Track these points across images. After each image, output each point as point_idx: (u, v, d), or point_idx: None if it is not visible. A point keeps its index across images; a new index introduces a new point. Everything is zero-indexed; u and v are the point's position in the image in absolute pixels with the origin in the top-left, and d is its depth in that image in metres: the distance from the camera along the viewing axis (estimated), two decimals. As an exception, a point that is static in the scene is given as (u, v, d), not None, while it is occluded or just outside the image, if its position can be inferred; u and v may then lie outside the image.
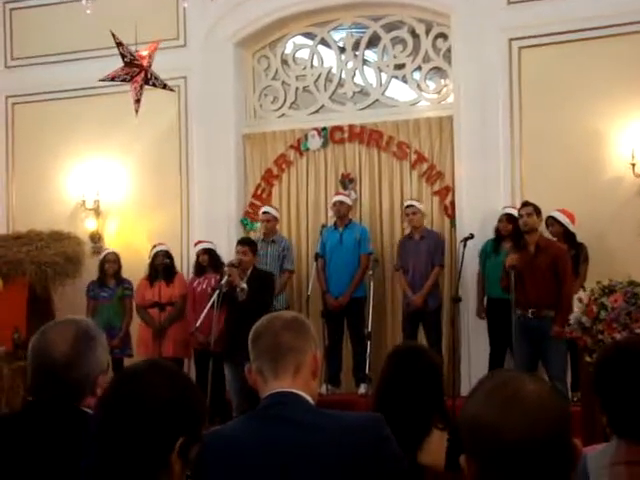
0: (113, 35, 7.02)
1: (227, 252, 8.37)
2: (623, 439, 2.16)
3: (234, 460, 2.27)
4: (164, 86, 7.34)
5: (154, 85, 7.25)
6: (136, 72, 7.16)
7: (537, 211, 7.16)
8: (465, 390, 7.77)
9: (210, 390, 7.37)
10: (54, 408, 2.21)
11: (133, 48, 7.28)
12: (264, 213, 8.66)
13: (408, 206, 8.24)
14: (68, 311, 8.42)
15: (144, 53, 7.19)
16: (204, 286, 8.22)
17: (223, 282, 7.40)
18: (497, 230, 7.93)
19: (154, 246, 8.63)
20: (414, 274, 8.14)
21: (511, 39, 8.27)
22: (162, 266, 8.35)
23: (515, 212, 7.72)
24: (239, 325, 6.00)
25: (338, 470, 2.18)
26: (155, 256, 8.48)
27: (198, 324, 7.44)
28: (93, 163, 9.61)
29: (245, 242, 7.81)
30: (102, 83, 8.75)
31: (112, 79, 7.15)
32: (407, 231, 8.40)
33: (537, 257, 6.92)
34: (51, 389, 2.25)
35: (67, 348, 2.27)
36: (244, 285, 7.30)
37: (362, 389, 7.98)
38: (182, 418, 1.71)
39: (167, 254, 8.52)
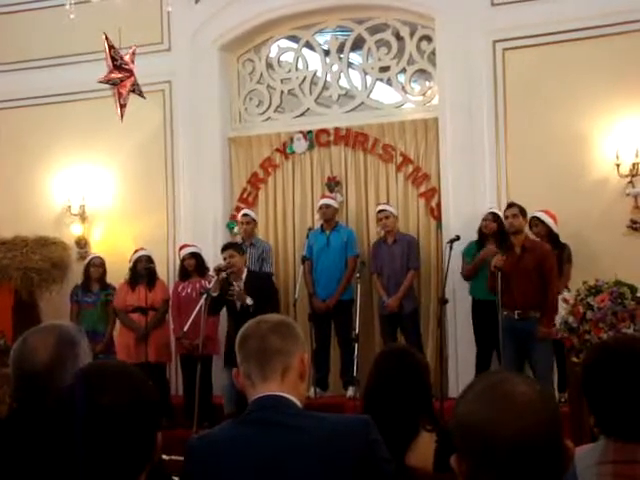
0: (106, 37, 6.98)
1: (213, 256, 8.35)
2: (611, 438, 2.17)
3: (220, 464, 2.26)
4: (140, 93, 7.30)
5: (133, 91, 7.23)
6: (125, 77, 7.14)
7: (522, 212, 7.18)
8: (453, 392, 7.77)
9: (198, 395, 7.36)
10: (38, 416, 2.20)
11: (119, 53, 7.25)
12: (243, 215, 8.65)
13: (380, 210, 8.26)
14: (54, 316, 8.40)
15: (127, 58, 7.18)
16: (189, 291, 8.19)
17: (210, 286, 7.38)
18: (480, 230, 7.93)
19: (136, 251, 8.60)
20: (389, 278, 8.16)
21: (495, 41, 8.30)
22: (145, 271, 8.32)
23: (498, 211, 7.76)
24: (237, 329, 5.97)
25: (326, 473, 2.18)
26: (137, 261, 8.45)
27: (186, 329, 7.41)
28: (78, 168, 9.57)
29: (229, 246, 7.74)
30: (86, 88, 8.76)
31: (108, 82, 7.11)
32: (381, 235, 8.40)
33: (523, 258, 6.94)
34: (34, 396, 2.24)
35: (48, 354, 2.25)
36: (249, 301, 7.24)
37: (350, 392, 7.98)
38: (135, 421, 1.70)
39: (149, 259, 8.49)
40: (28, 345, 2.29)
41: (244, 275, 7.51)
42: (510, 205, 7.32)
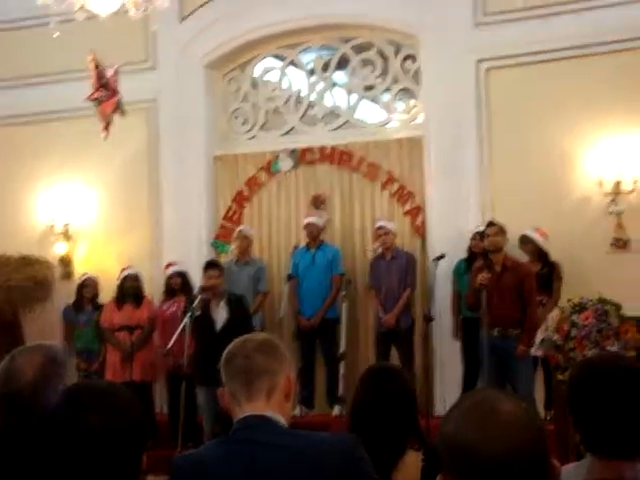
0: (93, 56, 6.97)
1: (198, 275, 8.32)
2: (596, 456, 2.17)
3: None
4: (122, 111, 7.27)
5: (116, 110, 7.20)
6: (109, 95, 7.13)
7: (502, 231, 7.21)
8: (439, 410, 7.77)
9: (183, 414, 7.30)
10: (22, 435, 2.18)
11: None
12: (240, 232, 8.65)
13: (379, 227, 8.25)
14: (38, 336, 8.32)
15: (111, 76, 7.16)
16: (174, 309, 8.17)
17: (194, 306, 7.33)
18: (469, 249, 7.96)
19: (123, 269, 8.58)
20: (386, 294, 8.14)
21: (479, 60, 8.36)
22: (131, 290, 8.31)
23: (485, 230, 7.78)
24: (214, 348, 5.88)
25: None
26: (124, 279, 8.44)
27: (170, 347, 7.36)
28: (62, 187, 9.55)
29: (212, 265, 7.54)
30: (71, 107, 8.73)
31: (95, 100, 7.09)
32: (379, 251, 8.40)
33: (503, 277, 6.96)
34: (18, 415, 2.22)
35: (34, 374, 2.25)
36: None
37: (336, 410, 7.96)
38: (120, 442, 1.69)
39: (136, 277, 8.48)
40: (15, 364, 2.29)
41: (225, 296, 7.41)
42: (490, 224, 7.34)
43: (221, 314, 7.23)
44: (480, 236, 7.81)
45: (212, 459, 2.28)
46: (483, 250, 7.73)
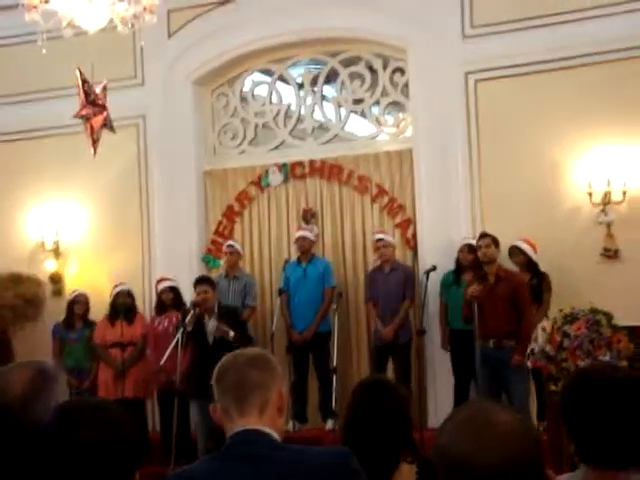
0: (80, 72, 6.97)
1: (189, 290, 8.30)
2: (591, 466, 2.16)
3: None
4: (111, 127, 7.27)
5: (104, 126, 7.20)
6: (98, 112, 7.12)
7: (495, 242, 7.23)
8: (432, 422, 7.75)
9: (176, 430, 7.27)
10: (11, 452, 2.16)
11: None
12: (228, 246, 8.64)
13: (379, 239, 8.24)
14: (28, 354, 8.22)
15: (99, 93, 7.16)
16: (165, 325, 8.14)
17: (187, 321, 7.33)
18: (457, 261, 7.98)
19: (115, 286, 8.55)
20: (384, 307, 8.11)
21: (467, 73, 8.39)
22: (123, 306, 8.27)
23: (474, 242, 7.80)
24: (208, 363, 5.87)
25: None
26: (116, 296, 8.41)
27: (162, 363, 7.34)
28: (52, 204, 9.51)
29: (203, 280, 7.65)
30: (58, 124, 8.72)
31: (82, 117, 7.08)
32: (377, 263, 8.38)
33: (497, 287, 6.97)
34: (7, 429, 2.21)
35: (23, 388, 2.24)
36: (232, 334, 7.20)
37: (329, 424, 7.93)
38: (113, 459, 1.68)
39: (129, 293, 8.46)
40: (4, 379, 2.27)
41: (216, 309, 7.45)
42: (483, 235, 7.36)
43: (213, 327, 7.27)
44: (468, 248, 7.84)
45: (206, 476, 2.26)
46: (471, 262, 7.76)
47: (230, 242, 8.77)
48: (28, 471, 1.72)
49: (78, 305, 8.62)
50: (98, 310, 8.57)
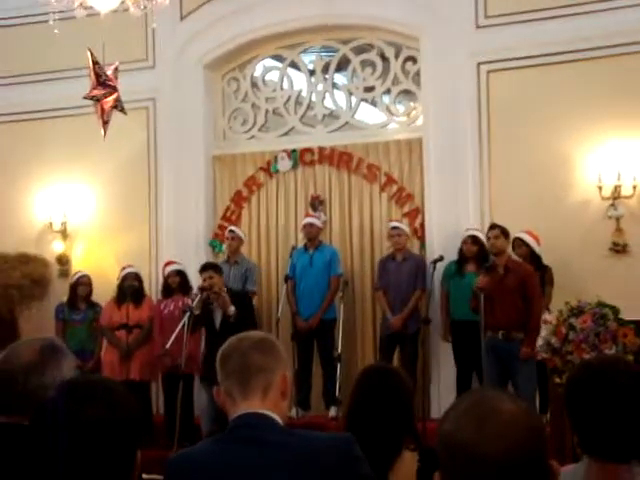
0: (91, 53, 6.96)
1: (196, 274, 8.30)
2: (594, 458, 2.16)
3: (201, 482, 2.23)
4: (121, 109, 7.27)
5: (115, 107, 7.20)
6: (108, 93, 7.11)
7: (505, 233, 7.20)
8: (435, 412, 7.75)
9: (180, 414, 7.30)
10: (16, 427, 2.17)
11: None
12: (230, 232, 8.63)
13: (394, 227, 8.21)
14: (35, 333, 8.29)
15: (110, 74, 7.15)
16: (171, 308, 8.15)
17: (194, 304, 7.35)
18: (461, 252, 7.95)
19: (123, 268, 8.55)
20: (394, 296, 8.09)
21: (479, 63, 8.35)
22: (131, 288, 8.27)
23: (479, 233, 7.78)
24: (215, 347, 5.92)
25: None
26: (124, 278, 8.41)
27: (168, 346, 7.37)
28: (60, 185, 9.53)
29: (207, 267, 7.66)
30: (69, 104, 8.72)
31: (92, 98, 7.08)
32: (389, 251, 8.36)
33: (506, 279, 6.94)
34: (13, 400, 2.22)
35: (31, 357, 2.26)
36: (233, 309, 7.24)
37: (332, 412, 7.94)
38: (116, 436, 1.69)
39: (136, 276, 8.46)
40: (12, 351, 2.30)
41: (224, 293, 7.48)
42: (492, 226, 7.34)
43: (220, 312, 7.31)
44: (473, 240, 7.82)
45: (208, 457, 2.26)
46: (475, 254, 7.75)
47: (232, 227, 8.76)
48: (32, 446, 1.73)
49: (82, 286, 8.63)
50: (104, 292, 8.57)
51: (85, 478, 1.67)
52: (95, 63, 6.97)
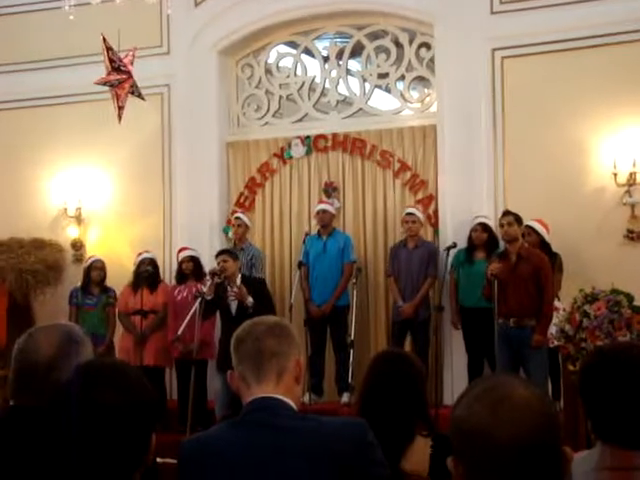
0: (104, 39, 6.96)
1: (209, 260, 8.33)
2: (607, 444, 2.15)
3: (214, 466, 2.24)
4: (139, 94, 7.29)
5: (132, 93, 7.22)
6: (123, 79, 7.13)
7: (518, 220, 7.19)
8: (447, 399, 7.76)
9: (192, 399, 7.33)
10: (34, 412, 2.19)
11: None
12: (236, 218, 8.64)
13: (409, 213, 8.20)
14: (49, 319, 8.35)
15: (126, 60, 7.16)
16: (185, 294, 8.17)
17: (205, 289, 7.37)
18: (470, 239, 7.93)
19: (139, 253, 8.58)
20: (405, 283, 8.09)
21: (494, 49, 8.30)
22: (146, 274, 8.29)
23: (488, 221, 7.77)
24: (230, 333, 5.95)
25: (320, 475, 2.16)
26: (140, 263, 8.43)
27: (180, 332, 7.40)
28: (75, 171, 9.56)
29: (223, 252, 7.76)
30: (84, 90, 8.74)
31: (105, 84, 7.09)
32: (402, 237, 8.35)
33: (519, 266, 6.93)
34: (32, 391, 2.23)
35: (52, 350, 2.26)
36: (251, 300, 7.26)
37: (345, 398, 7.95)
38: (131, 420, 1.70)
39: (152, 262, 8.47)
40: (32, 341, 2.30)
41: (238, 280, 7.49)
42: (505, 213, 7.33)
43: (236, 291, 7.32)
44: (483, 227, 7.81)
45: (222, 441, 2.28)
46: (485, 241, 7.75)
47: (238, 214, 8.75)
48: (49, 430, 1.74)
49: (95, 271, 8.66)
50: (119, 278, 8.60)
51: (99, 461, 1.68)
52: (109, 49, 6.99)
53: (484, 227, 7.81)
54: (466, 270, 7.84)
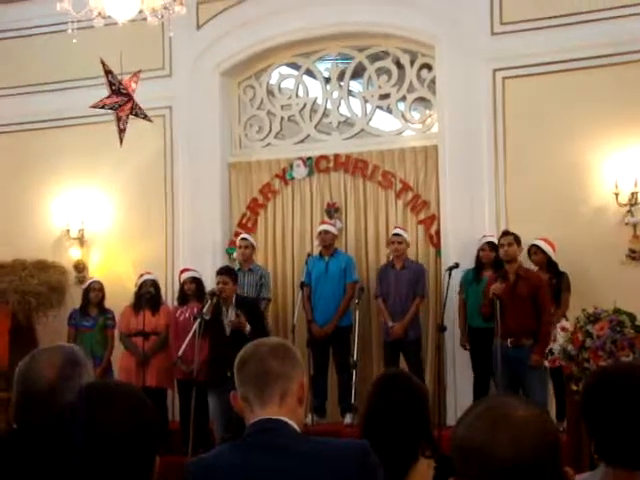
0: (103, 63, 7.01)
1: (212, 281, 8.33)
2: (611, 465, 2.15)
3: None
4: (145, 116, 7.33)
5: (136, 115, 7.26)
6: (123, 101, 7.17)
7: (517, 240, 7.21)
8: (451, 419, 7.73)
9: (193, 420, 7.31)
10: (38, 434, 2.19)
11: (119, 77, 7.29)
12: (242, 239, 8.64)
13: (395, 234, 8.23)
14: (52, 340, 8.32)
15: (130, 83, 7.21)
16: (187, 315, 8.16)
17: (204, 310, 7.37)
18: (478, 258, 7.94)
19: (141, 275, 8.59)
20: (394, 303, 8.12)
21: (495, 70, 8.34)
22: (148, 295, 8.30)
23: (496, 240, 7.78)
24: (225, 352, 5.97)
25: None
26: (142, 285, 8.44)
27: (180, 353, 7.40)
28: (78, 192, 9.58)
29: (224, 271, 7.74)
30: (87, 112, 8.76)
31: (103, 107, 7.13)
32: (390, 258, 8.38)
33: (517, 286, 6.95)
34: (35, 413, 2.24)
35: (54, 373, 2.27)
36: (249, 328, 7.26)
37: (348, 419, 7.93)
38: (135, 441, 1.71)
39: (154, 283, 8.49)
40: (35, 363, 2.31)
41: (234, 300, 7.51)
42: (505, 233, 7.35)
43: (232, 316, 7.33)
44: (490, 246, 7.82)
45: (226, 463, 2.27)
46: (493, 260, 7.75)
47: (244, 235, 8.76)
48: (52, 452, 1.75)
49: (93, 292, 8.67)
50: (120, 299, 8.60)
51: None
52: (108, 72, 7.03)
53: (492, 246, 7.82)
54: (474, 289, 7.84)
